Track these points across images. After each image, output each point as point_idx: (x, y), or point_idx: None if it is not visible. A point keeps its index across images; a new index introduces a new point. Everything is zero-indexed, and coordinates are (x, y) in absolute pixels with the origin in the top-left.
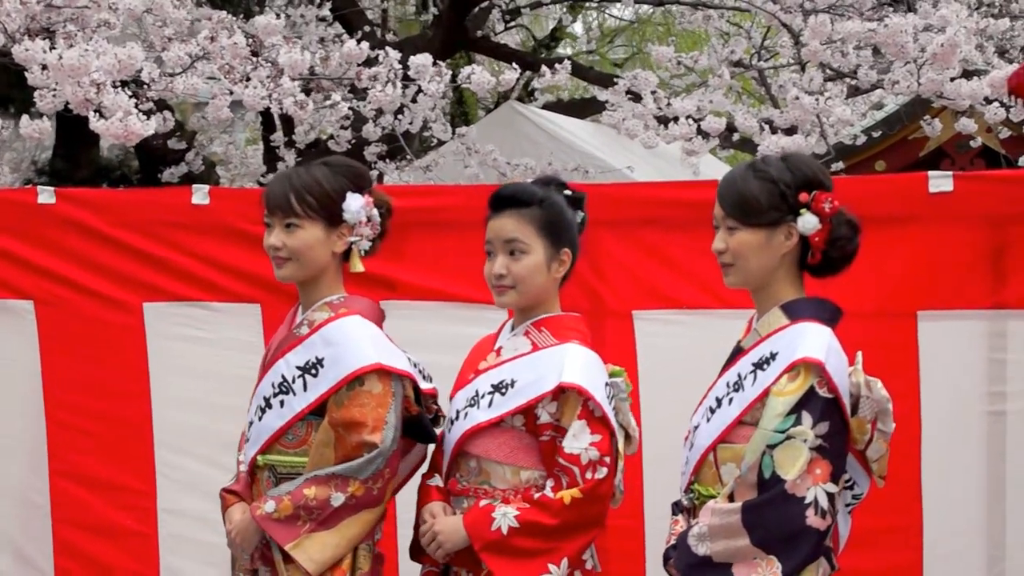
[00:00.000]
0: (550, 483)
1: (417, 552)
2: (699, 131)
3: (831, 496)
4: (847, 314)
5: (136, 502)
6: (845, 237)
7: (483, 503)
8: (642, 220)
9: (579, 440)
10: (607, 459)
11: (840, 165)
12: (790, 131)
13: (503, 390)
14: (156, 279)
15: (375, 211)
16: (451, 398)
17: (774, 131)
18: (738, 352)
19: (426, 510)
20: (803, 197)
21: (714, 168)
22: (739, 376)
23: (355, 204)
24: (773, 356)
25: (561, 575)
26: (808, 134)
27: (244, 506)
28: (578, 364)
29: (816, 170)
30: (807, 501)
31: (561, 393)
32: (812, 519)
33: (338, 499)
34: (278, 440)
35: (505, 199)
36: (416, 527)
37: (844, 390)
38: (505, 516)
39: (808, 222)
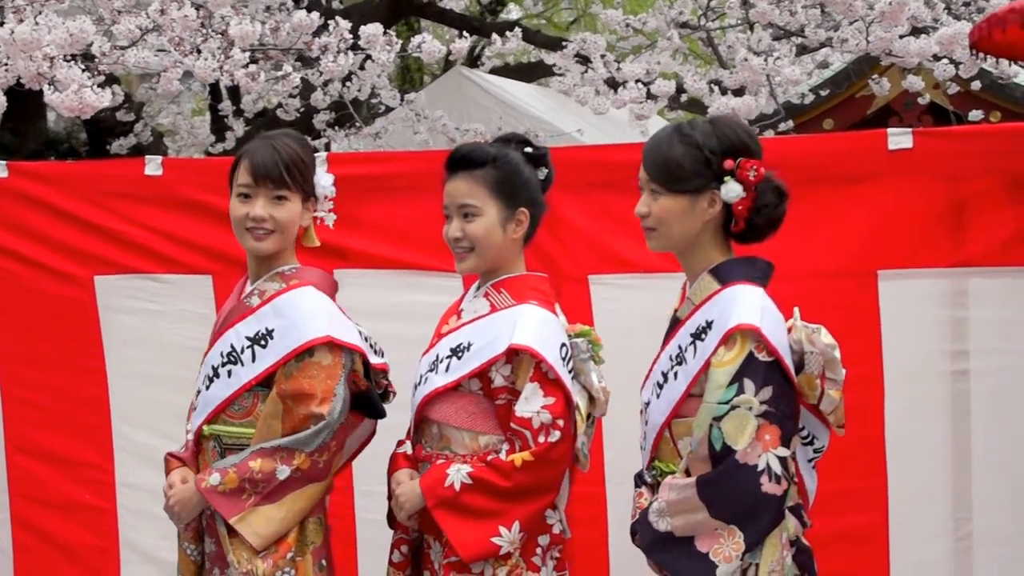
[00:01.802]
0: (504, 447)
1: (393, 520)
2: (648, 94)
3: (783, 460)
4: (806, 274)
5: (94, 476)
6: (771, 204)
7: (440, 463)
8: (596, 183)
9: (531, 403)
10: (560, 422)
11: (790, 124)
12: (739, 92)
13: (460, 354)
14: (107, 252)
15: (333, 187)
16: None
17: (723, 92)
18: (675, 323)
19: (393, 478)
20: (728, 164)
21: None
22: (680, 348)
23: (326, 180)
24: (709, 325)
25: (512, 539)
26: (757, 94)
27: (184, 472)
28: (531, 325)
29: (743, 135)
30: (760, 469)
31: (515, 355)
32: (767, 486)
33: (283, 472)
34: (224, 410)
35: (457, 161)
36: (390, 496)
37: (784, 350)
38: (459, 472)
39: (731, 190)
